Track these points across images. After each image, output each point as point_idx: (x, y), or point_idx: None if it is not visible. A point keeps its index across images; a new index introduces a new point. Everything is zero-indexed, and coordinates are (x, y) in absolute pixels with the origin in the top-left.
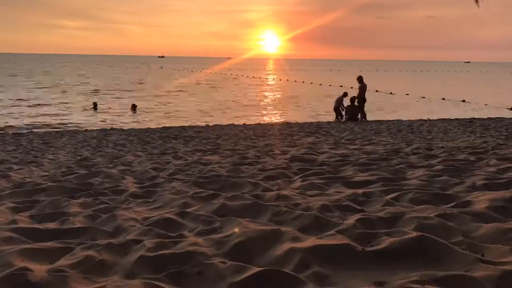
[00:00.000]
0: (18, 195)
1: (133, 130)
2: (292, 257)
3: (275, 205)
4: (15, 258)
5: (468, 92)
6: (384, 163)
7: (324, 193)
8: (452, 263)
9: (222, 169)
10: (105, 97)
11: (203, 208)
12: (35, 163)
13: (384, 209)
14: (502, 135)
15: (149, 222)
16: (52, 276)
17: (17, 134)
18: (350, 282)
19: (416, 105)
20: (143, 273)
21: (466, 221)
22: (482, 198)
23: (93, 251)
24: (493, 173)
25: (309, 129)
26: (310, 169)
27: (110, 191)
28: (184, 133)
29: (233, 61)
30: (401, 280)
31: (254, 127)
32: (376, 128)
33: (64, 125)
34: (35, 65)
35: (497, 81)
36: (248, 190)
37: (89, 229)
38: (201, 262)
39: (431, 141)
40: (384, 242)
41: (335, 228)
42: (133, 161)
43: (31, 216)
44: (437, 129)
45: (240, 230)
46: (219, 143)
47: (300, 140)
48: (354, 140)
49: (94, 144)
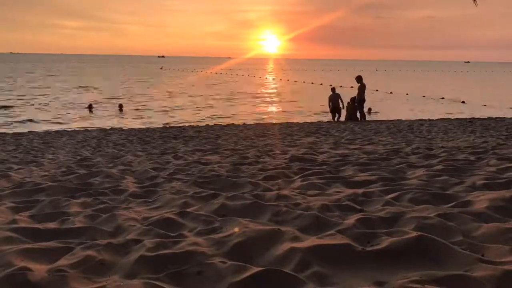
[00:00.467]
0: (18, 195)
1: (133, 130)
2: (292, 257)
3: (275, 205)
4: (15, 258)
5: (468, 92)
6: (384, 163)
7: (324, 193)
8: (452, 263)
9: (222, 169)
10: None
11: (203, 208)
12: (35, 163)
13: (384, 209)
14: (502, 135)
15: (149, 222)
16: (52, 276)
17: (17, 134)
18: (350, 282)
19: (416, 105)
20: (143, 273)
21: (466, 221)
22: (482, 198)
23: (93, 251)
24: (493, 173)
25: (309, 129)
26: (310, 169)
27: (110, 191)
28: (184, 133)
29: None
30: (401, 280)
31: (254, 127)
32: (376, 128)
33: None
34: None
35: (497, 81)
36: (248, 190)
37: (89, 229)
38: (201, 262)
39: (431, 141)
40: (384, 242)
41: (335, 228)
42: (133, 161)
43: (31, 216)
44: (437, 129)
45: (240, 230)
46: (219, 143)
47: (300, 140)
48: (354, 140)
49: (94, 144)
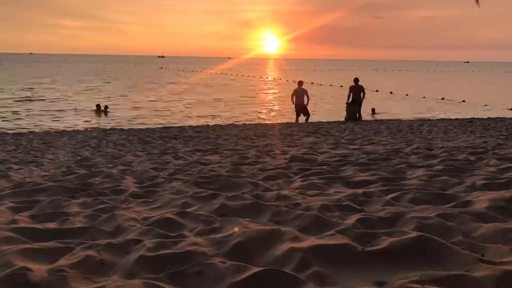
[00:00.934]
0: (18, 195)
1: (133, 130)
2: (292, 257)
3: (275, 205)
4: (15, 258)
5: (468, 92)
6: (384, 163)
7: (324, 193)
8: (452, 263)
9: (222, 169)
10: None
11: (203, 208)
12: (35, 163)
13: (384, 209)
14: (502, 135)
15: (149, 222)
16: (52, 276)
17: (17, 134)
18: (350, 282)
19: (416, 105)
20: (143, 273)
21: (466, 221)
22: (482, 198)
23: (93, 251)
24: (493, 173)
25: (309, 129)
26: (310, 169)
27: (110, 191)
28: (184, 133)
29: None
30: (401, 280)
31: (254, 127)
32: (376, 128)
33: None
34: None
35: (497, 81)
36: (248, 190)
37: (89, 229)
38: (201, 262)
39: (431, 141)
40: (384, 242)
41: (335, 228)
42: (133, 161)
43: (31, 216)
44: (437, 129)
45: (240, 230)
46: (219, 143)
47: (300, 140)
48: (354, 140)
49: (94, 144)
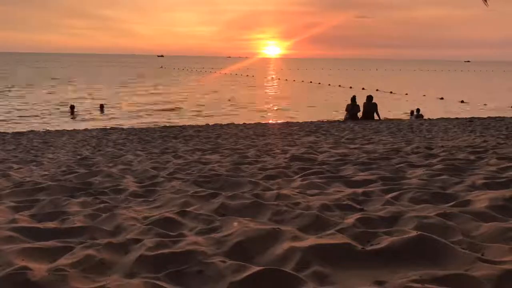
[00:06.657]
0: (18, 194)
1: (133, 130)
2: (292, 256)
3: (275, 204)
4: (15, 257)
5: (468, 92)
6: (384, 162)
7: (324, 192)
8: (452, 262)
9: (222, 168)
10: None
11: (203, 207)
12: (35, 162)
13: (384, 208)
14: (502, 134)
15: (149, 221)
16: (52, 275)
17: (17, 133)
18: (350, 281)
19: (416, 105)
20: (143, 272)
21: (466, 220)
22: (482, 197)
23: (93, 250)
24: (493, 172)
25: (309, 128)
26: (310, 168)
27: (110, 190)
28: (184, 132)
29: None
30: (401, 280)
31: (254, 126)
32: (376, 128)
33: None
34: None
35: (497, 81)
36: (248, 189)
37: (89, 228)
38: (201, 261)
39: (431, 140)
40: (384, 241)
41: (335, 227)
42: (133, 160)
43: (31, 215)
44: (437, 128)
45: (239, 227)
46: (219, 142)
47: (300, 139)
48: (354, 139)
49: (94, 143)
